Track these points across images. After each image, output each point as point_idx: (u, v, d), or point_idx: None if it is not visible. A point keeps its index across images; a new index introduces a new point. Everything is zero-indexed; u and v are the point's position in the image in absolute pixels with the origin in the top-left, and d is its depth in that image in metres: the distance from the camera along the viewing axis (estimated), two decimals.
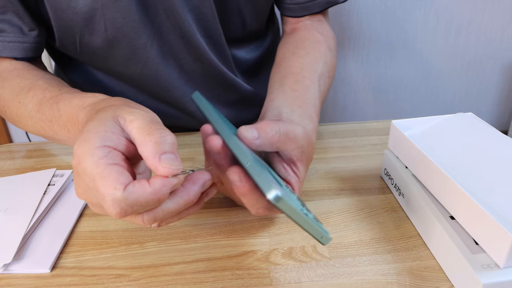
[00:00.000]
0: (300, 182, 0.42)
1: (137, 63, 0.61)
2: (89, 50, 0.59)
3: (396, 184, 0.51)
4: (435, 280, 0.40)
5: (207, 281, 0.40)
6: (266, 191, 0.29)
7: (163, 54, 0.62)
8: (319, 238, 0.34)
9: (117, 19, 0.55)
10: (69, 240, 0.46)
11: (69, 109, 0.43)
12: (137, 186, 0.31)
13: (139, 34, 0.58)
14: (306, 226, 0.33)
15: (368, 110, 1.48)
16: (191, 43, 0.61)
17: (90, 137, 0.32)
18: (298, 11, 0.67)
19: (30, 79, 0.52)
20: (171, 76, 0.64)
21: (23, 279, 0.41)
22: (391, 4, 1.29)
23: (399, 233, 0.46)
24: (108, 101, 0.39)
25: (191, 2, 0.58)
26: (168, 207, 0.34)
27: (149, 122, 0.33)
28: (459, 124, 0.51)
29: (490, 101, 1.52)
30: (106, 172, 0.30)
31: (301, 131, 0.41)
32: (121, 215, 0.31)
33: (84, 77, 0.68)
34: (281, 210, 0.31)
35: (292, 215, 0.31)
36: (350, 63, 1.37)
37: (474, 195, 0.37)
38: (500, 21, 1.36)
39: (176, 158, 0.32)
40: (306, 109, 0.49)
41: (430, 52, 1.39)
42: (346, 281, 0.40)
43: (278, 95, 0.51)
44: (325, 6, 0.67)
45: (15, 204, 0.50)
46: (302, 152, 0.41)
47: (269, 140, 0.38)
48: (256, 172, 0.31)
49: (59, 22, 0.56)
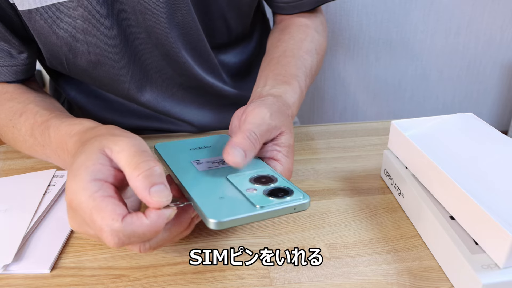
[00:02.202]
0: (282, 148, 0.43)
1: (123, 82, 0.61)
2: (77, 71, 0.59)
3: (396, 184, 0.51)
4: (435, 280, 0.40)
5: (207, 281, 0.40)
6: (206, 223, 0.33)
7: (146, 71, 0.62)
8: (293, 211, 0.36)
9: (99, 42, 0.55)
10: (69, 240, 0.46)
11: (58, 136, 0.44)
12: (134, 218, 0.32)
13: (121, 54, 0.58)
14: (269, 215, 0.35)
15: (368, 110, 1.48)
16: (176, 60, 0.61)
17: (80, 173, 0.33)
18: (289, 9, 0.67)
19: (22, 102, 0.53)
20: (157, 90, 0.64)
21: (23, 279, 0.41)
22: (391, 4, 1.29)
23: (399, 233, 0.46)
24: (93, 131, 0.40)
25: (175, 19, 0.57)
26: (164, 237, 0.36)
27: (135, 154, 0.34)
28: (459, 124, 0.51)
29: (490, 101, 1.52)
30: (103, 205, 0.32)
31: (270, 114, 0.43)
32: (119, 245, 0.32)
33: (78, 90, 0.68)
34: (234, 226, 0.34)
35: (248, 221, 0.34)
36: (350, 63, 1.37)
37: (474, 195, 0.37)
38: (500, 21, 1.36)
39: (166, 188, 0.33)
40: (282, 77, 0.52)
41: (430, 52, 1.39)
42: (346, 281, 0.40)
43: (258, 80, 0.54)
44: (316, 4, 0.67)
45: (15, 204, 0.50)
46: (279, 129, 0.43)
47: (256, 150, 0.41)
48: (198, 207, 0.35)
49: (45, 46, 0.56)
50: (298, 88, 0.53)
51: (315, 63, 0.61)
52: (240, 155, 0.39)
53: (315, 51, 0.62)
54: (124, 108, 0.68)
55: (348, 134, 0.66)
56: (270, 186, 0.38)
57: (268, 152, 0.44)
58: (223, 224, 0.33)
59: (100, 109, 0.69)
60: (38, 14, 0.52)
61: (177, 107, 0.67)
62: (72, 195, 0.33)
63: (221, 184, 0.38)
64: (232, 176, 0.39)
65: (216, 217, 0.33)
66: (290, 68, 0.56)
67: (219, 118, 0.71)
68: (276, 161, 0.43)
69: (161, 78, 0.63)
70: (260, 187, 0.38)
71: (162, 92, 0.65)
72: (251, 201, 0.35)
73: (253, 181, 0.39)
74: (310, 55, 0.60)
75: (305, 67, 0.58)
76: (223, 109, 0.71)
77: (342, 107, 1.46)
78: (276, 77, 0.54)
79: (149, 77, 0.63)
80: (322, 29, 0.68)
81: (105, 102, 0.68)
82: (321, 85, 1.39)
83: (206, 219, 0.33)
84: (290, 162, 0.44)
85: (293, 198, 0.36)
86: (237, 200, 0.36)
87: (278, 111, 0.45)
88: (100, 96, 0.68)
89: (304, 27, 0.65)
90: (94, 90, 0.67)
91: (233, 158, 0.39)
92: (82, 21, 0.53)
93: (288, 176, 0.44)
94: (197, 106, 0.69)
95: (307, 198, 0.36)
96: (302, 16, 0.67)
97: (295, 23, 0.66)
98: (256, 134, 0.41)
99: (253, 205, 0.35)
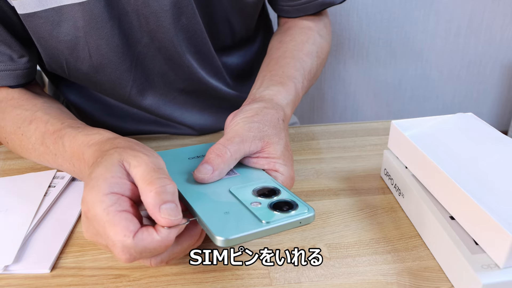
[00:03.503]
0: (275, 159, 0.43)
1: (124, 86, 0.61)
2: (77, 75, 0.59)
3: (396, 184, 0.51)
4: (435, 280, 0.40)
5: (207, 281, 0.40)
6: (213, 240, 0.33)
7: (148, 75, 0.62)
8: (298, 225, 0.35)
9: (101, 46, 0.55)
10: (69, 240, 0.46)
11: (74, 146, 0.44)
12: (145, 234, 0.33)
13: (123, 58, 0.58)
14: (276, 231, 0.34)
15: (368, 110, 1.48)
16: (179, 63, 0.61)
17: (98, 184, 0.33)
18: (293, 13, 0.67)
19: (29, 109, 0.53)
20: (159, 94, 0.64)
21: (23, 279, 0.41)
22: (391, 4, 1.29)
23: (399, 233, 0.46)
24: (113, 142, 0.40)
25: (180, 22, 0.57)
26: (175, 250, 0.37)
27: (151, 170, 0.34)
28: (459, 124, 0.51)
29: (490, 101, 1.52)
30: (116, 220, 0.32)
31: (249, 125, 0.43)
32: (130, 261, 0.33)
33: (78, 94, 0.68)
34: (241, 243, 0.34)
35: (254, 237, 0.34)
36: (350, 63, 1.37)
37: (474, 195, 0.37)
38: (500, 21, 1.36)
39: (176, 208, 0.34)
40: (277, 78, 0.52)
41: (430, 52, 1.39)
42: (346, 281, 0.40)
43: (256, 81, 0.54)
44: (320, 8, 0.66)
45: (16, 205, 0.50)
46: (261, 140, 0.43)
47: (227, 164, 0.41)
48: (203, 223, 0.34)
49: (45, 50, 0.55)
50: (294, 89, 0.53)
51: (315, 65, 0.61)
52: (206, 171, 0.40)
53: (316, 54, 0.62)
54: (123, 112, 0.68)
55: (348, 134, 0.66)
56: (274, 199, 0.37)
57: (265, 164, 0.43)
58: (231, 241, 0.32)
59: (99, 113, 0.69)
60: (38, 18, 0.51)
61: (178, 111, 0.67)
62: (89, 205, 0.33)
63: (225, 198, 0.38)
64: (234, 189, 0.39)
65: (223, 235, 0.32)
66: (288, 69, 0.55)
67: (220, 121, 0.71)
68: (275, 172, 0.43)
69: (163, 83, 0.63)
70: (264, 200, 0.37)
71: (163, 97, 0.65)
72: (257, 216, 0.35)
73: (256, 193, 0.38)
74: (310, 58, 0.60)
75: (304, 69, 0.57)
76: (224, 111, 0.71)
77: (342, 107, 1.46)
78: (272, 77, 0.54)
79: (151, 82, 0.63)
80: (325, 32, 0.68)
81: (105, 106, 0.68)
82: (321, 85, 1.39)
83: (213, 236, 0.33)
84: (289, 170, 0.43)
85: (298, 212, 0.35)
86: (242, 216, 0.35)
87: (261, 121, 0.44)
88: (100, 100, 0.67)
89: (307, 29, 0.64)
90: (94, 94, 0.67)
91: (198, 174, 0.40)
92: (83, 25, 0.52)
93: (291, 184, 0.43)
94: (198, 110, 0.68)
95: (312, 211, 0.35)
96: (305, 19, 0.67)
97: (297, 25, 0.65)
98: (228, 148, 0.41)
99: (259, 221, 0.34)
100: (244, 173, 0.42)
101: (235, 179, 0.41)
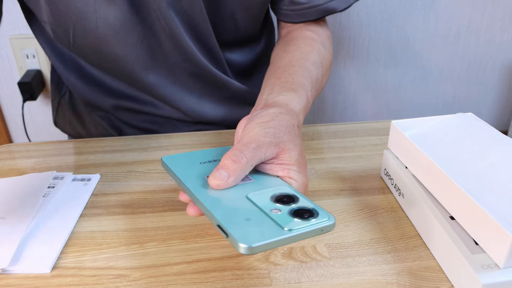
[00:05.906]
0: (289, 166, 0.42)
1: (127, 61, 0.62)
2: (81, 45, 0.60)
3: (396, 184, 0.51)
4: (435, 280, 0.40)
5: (207, 281, 0.40)
6: (236, 247, 0.32)
7: (152, 53, 0.63)
8: (320, 233, 0.34)
9: (108, 17, 0.56)
10: (69, 240, 0.46)
11: None
12: None
13: (129, 33, 0.59)
14: (298, 238, 0.34)
15: (368, 110, 1.48)
16: (180, 45, 0.62)
17: None
18: (294, 17, 0.67)
19: None
20: (160, 74, 0.65)
21: (23, 279, 0.41)
22: (391, 4, 1.29)
23: (399, 233, 0.46)
24: None
25: (178, 4, 0.58)
26: None
27: None
28: (459, 124, 0.51)
29: (490, 101, 1.52)
30: None
31: (265, 131, 0.42)
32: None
33: (77, 73, 0.69)
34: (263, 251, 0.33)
35: (277, 245, 0.33)
36: (350, 63, 1.37)
37: (474, 195, 0.37)
38: (500, 21, 1.36)
39: None
40: (289, 85, 0.52)
41: (430, 52, 1.39)
42: (346, 281, 0.40)
43: (264, 88, 0.54)
44: (322, 14, 0.66)
45: (14, 206, 0.50)
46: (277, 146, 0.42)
47: (243, 170, 0.40)
48: (225, 229, 0.34)
49: (53, 15, 0.56)
50: (305, 96, 0.52)
51: (321, 75, 0.60)
52: (222, 177, 0.39)
53: (321, 64, 0.61)
54: (123, 94, 0.69)
55: (348, 134, 0.66)
56: (293, 206, 0.36)
57: (279, 171, 0.42)
58: (254, 249, 0.32)
59: (98, 95, 0.70)
60: None
61: (178, 94, 0.68)
62: None
63: (243, 204, 0.37)
64: (252, 195, 0.38)
65: (247, 242, 0.32)
66: (297, 77, 0.55)
67: (217, 111, 0.72)
68: (290, 179, 0.42)
69: (165, 63, 0.64)
70: (283, 207, 0.36)
71: (164, 78, 0.66)
72: (279, 224, 0.34)
73: (275, 200, 0.37)
74: (316, 67, 0.59)
75: (311, 78, 0.57)
76: (223, 101, 0.71)
77: (342, 107, 1.46)
78: (283, 84, 0.53)
79: (155, 60, 0.64)
80: (328, 44, 0.68)
81: (104, 88, 0.69)
82: None
83: (236, 243, 0.32)
84: (303, 177, 0.42)
85: (319, 220, 0.35)
86: (264, 223, 0.34)
87: (277, 126, 0.43)
88: (99, 82, 0.68)
89: (311, 40, 0.64)
90: (93, 76, 0.68)
91: (214, 180, 0.39)
92: None
93: (305, 191, 0.43)
94: (197, 96, 0.69)
95: (333, 219, 0.35)
96: (308, 30, 0.66)
97: (301, 36, 0.65)
98: (245, 154, 0.40)
99: (281, 228, 0.34)
100: (259, 179, 0.41)
101: (251, 185, 0.40)
